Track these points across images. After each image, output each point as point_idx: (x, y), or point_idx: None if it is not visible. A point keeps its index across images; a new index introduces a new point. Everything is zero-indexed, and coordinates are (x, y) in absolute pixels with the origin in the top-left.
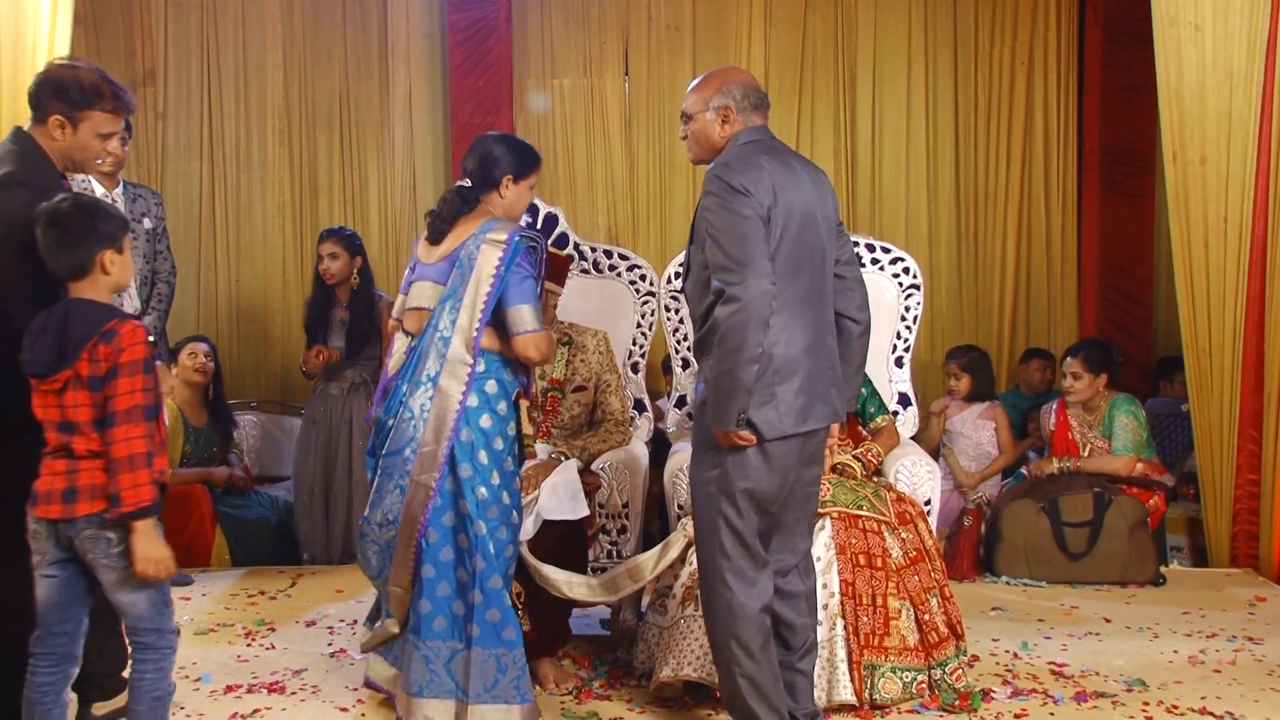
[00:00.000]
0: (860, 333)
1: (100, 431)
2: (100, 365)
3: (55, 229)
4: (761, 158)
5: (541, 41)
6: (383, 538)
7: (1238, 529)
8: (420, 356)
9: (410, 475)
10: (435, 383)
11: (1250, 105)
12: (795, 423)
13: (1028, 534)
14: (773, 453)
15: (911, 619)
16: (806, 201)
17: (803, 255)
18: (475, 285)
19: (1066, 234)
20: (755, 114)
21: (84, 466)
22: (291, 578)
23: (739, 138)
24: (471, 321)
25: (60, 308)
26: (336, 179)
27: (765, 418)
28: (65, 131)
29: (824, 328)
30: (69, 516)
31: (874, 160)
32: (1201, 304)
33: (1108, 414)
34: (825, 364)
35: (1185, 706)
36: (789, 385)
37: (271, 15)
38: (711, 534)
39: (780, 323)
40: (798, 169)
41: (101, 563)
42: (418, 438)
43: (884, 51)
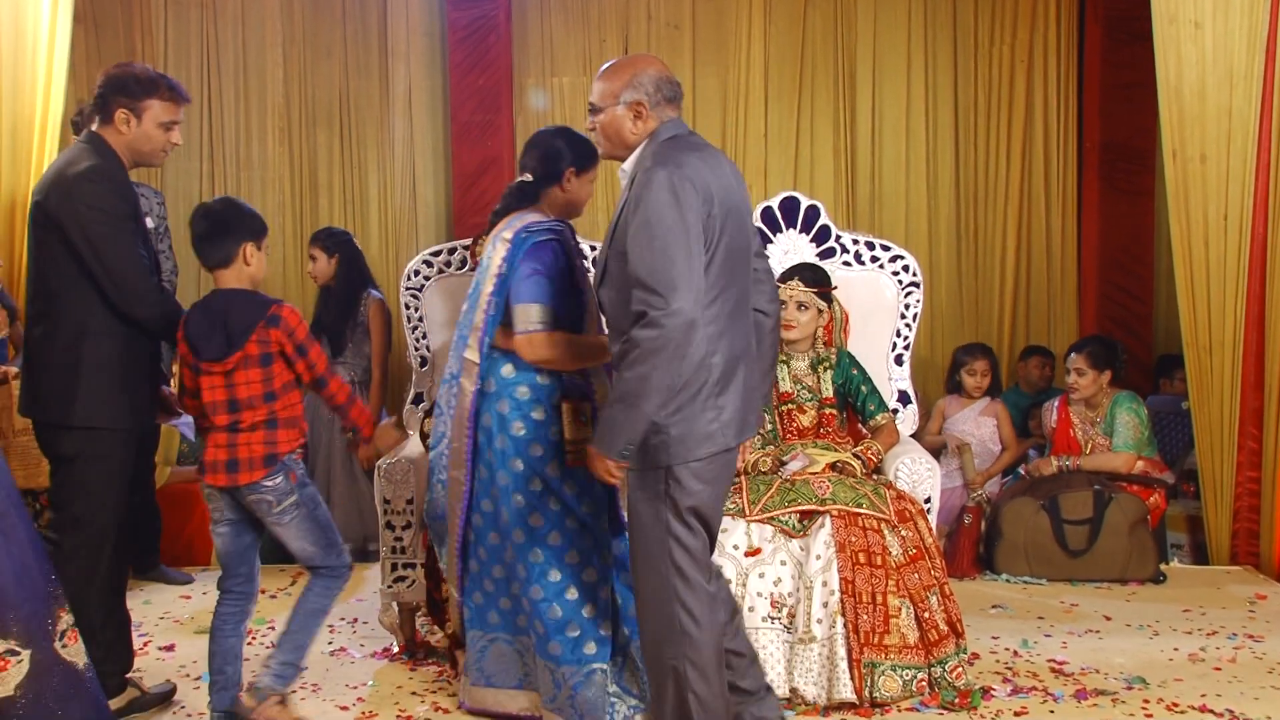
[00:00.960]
0: (771, 326)
1: (268, 403)
2: (270, 346)
3: (206, 220)
4: (692, 155)
5: (541, 40)
6: (438, 531)
7: (1238, 526)
8: (449, 357)
9: (447, 470)
10: (456, 380)
11: (1250, 102)
12: (736, 434)
13: (1028, 532)
14: (716, 466)
15: (911, 617)
16: (736, 198)
17: (735, 259)
18: (483, 283)
19: (1066, 231)
20: (669, 107)
21: (242, 440)
22: (292, 575)
23: (659, 133)
24: (478, 320)
25: (216, 299)
26: (336, 177)
27: (709, 431)
28: (131, 124)
29: (750, 331)
30: (233, 485)
31: (874, 158)
32: (1202, 301)
33: (1109, 411)
34: (751, 370)
35: (1185, 704)
36: (729, 396)
37: (271, 13)
38: (661, 557)
39: (719, 329)
40: (722, 164)
41: (269, 521)
42: (447, 434)
43: (884, 49)
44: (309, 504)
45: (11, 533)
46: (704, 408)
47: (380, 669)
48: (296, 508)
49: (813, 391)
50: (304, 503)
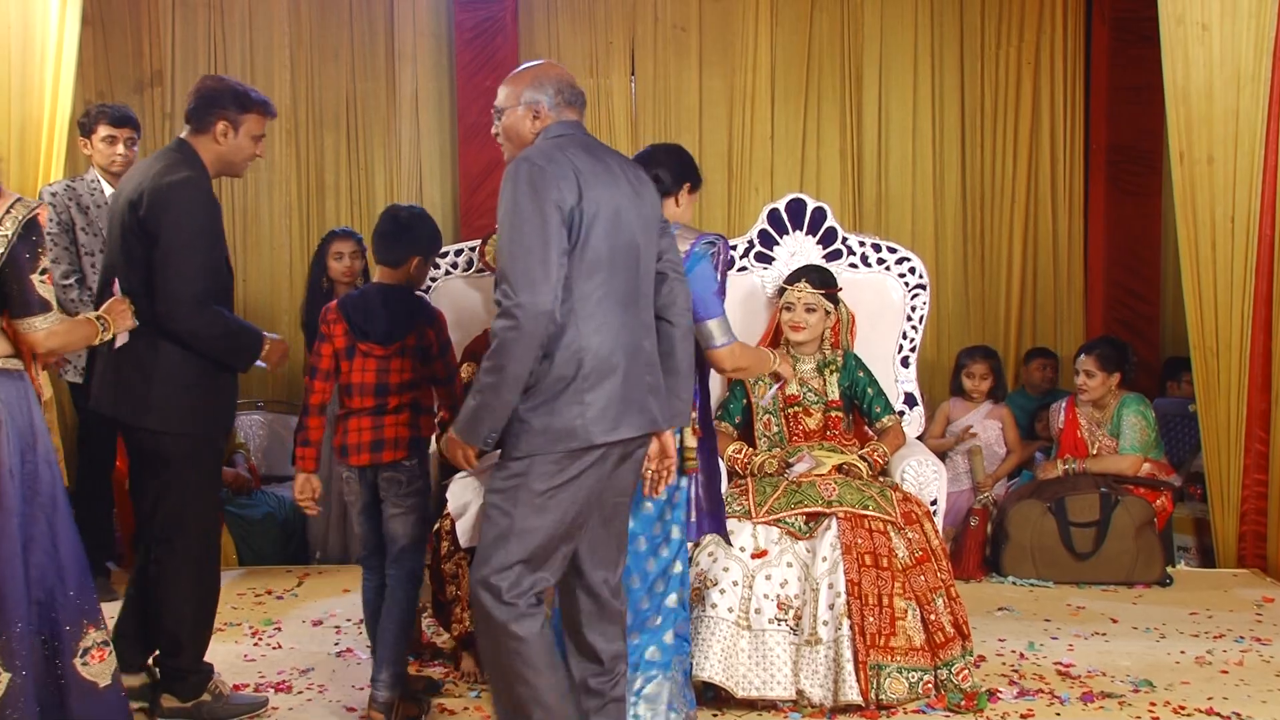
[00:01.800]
0: (682, 335)
1: (413, 391)
2: (426, 341)
3: (395, 223)
4: (570, 151)
5: (548, 41)
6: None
7: (1245, 529)
8: None
9: None
10: None
11: (1257, 105)
12: (605, 431)
13: (1034, 534)
14: (585, 463)
15: (918, 619)
16: (618, 198)
17: (617, 255)
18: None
19: (1073, 233)
20: (569, 110)
21: (388, 422)
22: (299, 577)
23: (549, 131)
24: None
25: (375, 290)
26: (343, 179)
27: (571, 426)
28: (229, 136)
29: (641, 331)
30: (375, 463)
31: (880, 160)
32: (1209, 303)
33: (1116, 413)
34: (642, 369)
35: (1192, 707)
36: (600, 391)
37: (278, 16)
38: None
39: (593, 325)
40: (612, 166)
41: (391, 499)
42: None
43: (890, 51)
44: (424, 497)
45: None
46: (568, 402)
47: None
48: (419, 494)
49: (819, 394)
50: (424, 492)
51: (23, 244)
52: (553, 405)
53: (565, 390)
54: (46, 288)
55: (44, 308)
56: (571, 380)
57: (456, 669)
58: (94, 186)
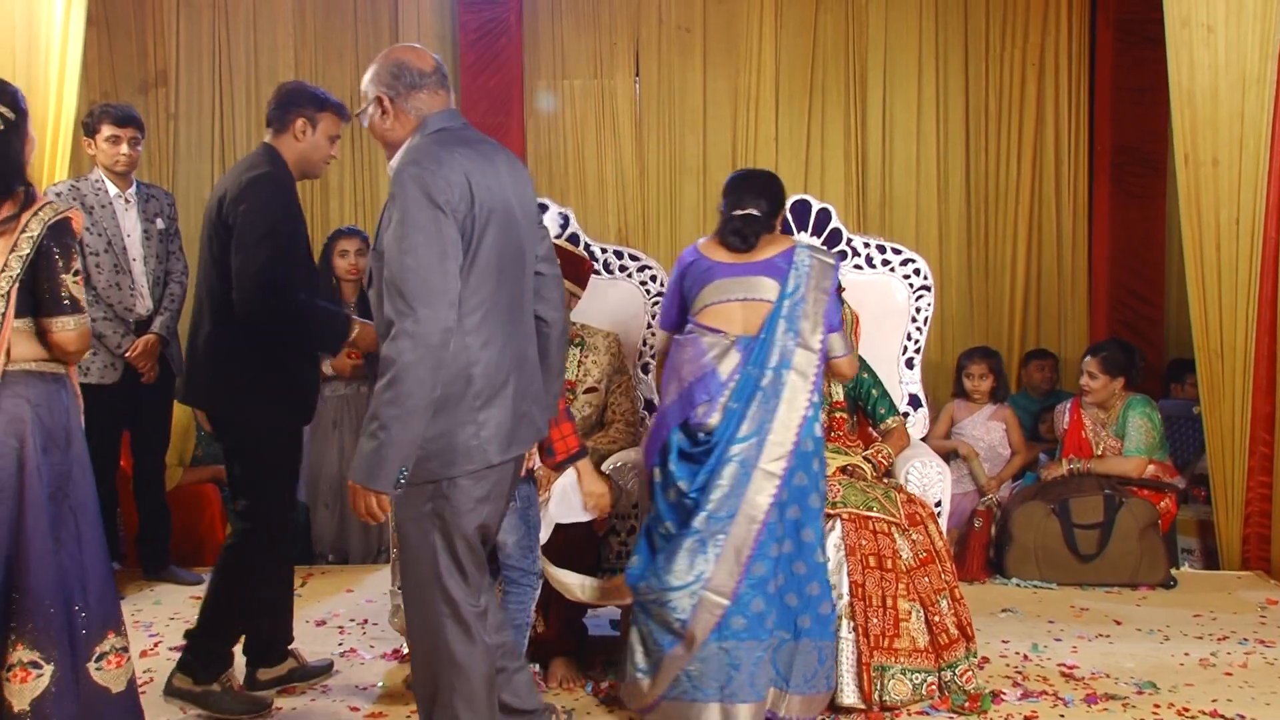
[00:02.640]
0: (558, 335)
1: None
2: None
3: None
4: (455, 151)
5: (552, 42)
6: (713, 533)
7: (1249, 532)
8: (769, 344)
9: (757, 463)
10: (789, 368)
11: (1262, 107)
12: (500, 450)
13: (1038, 536)
14: (485, 483)
15: (921, 620)
16: (506, 197)
17: (505, 260)
18: (814, 296)
19: (1077, 235)
20: (423, 94)
21: None
22: (302, 577)
23: (426, 125)
24: (814, 331)
25: None
26: (348, 180)
27: (468, 448)
28: (307, 134)
29: (526, 339)
30: None
31: (884, 161)
32: (1213, 306)
33: (1122, 414)
34: (529, 380)
35: (1196, 709)
36: (493, 410)
37: (283, 16)
38: (429, 581)
39: (482, 338)
40: (494, 158)
41: None
42: (770, 423)
43: (895, 53)
44: (524, 502)
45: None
46: (463, 422)
47: (390, 670)
48: (517, 499)
49: (823, 395)
50: (520, 499)
51: (52, 245)
52: (446, 426)
53: (459, 410)
54: (79, 289)
55: (75, 309)
56: (462, 399)
57: None
58: (98, 187)
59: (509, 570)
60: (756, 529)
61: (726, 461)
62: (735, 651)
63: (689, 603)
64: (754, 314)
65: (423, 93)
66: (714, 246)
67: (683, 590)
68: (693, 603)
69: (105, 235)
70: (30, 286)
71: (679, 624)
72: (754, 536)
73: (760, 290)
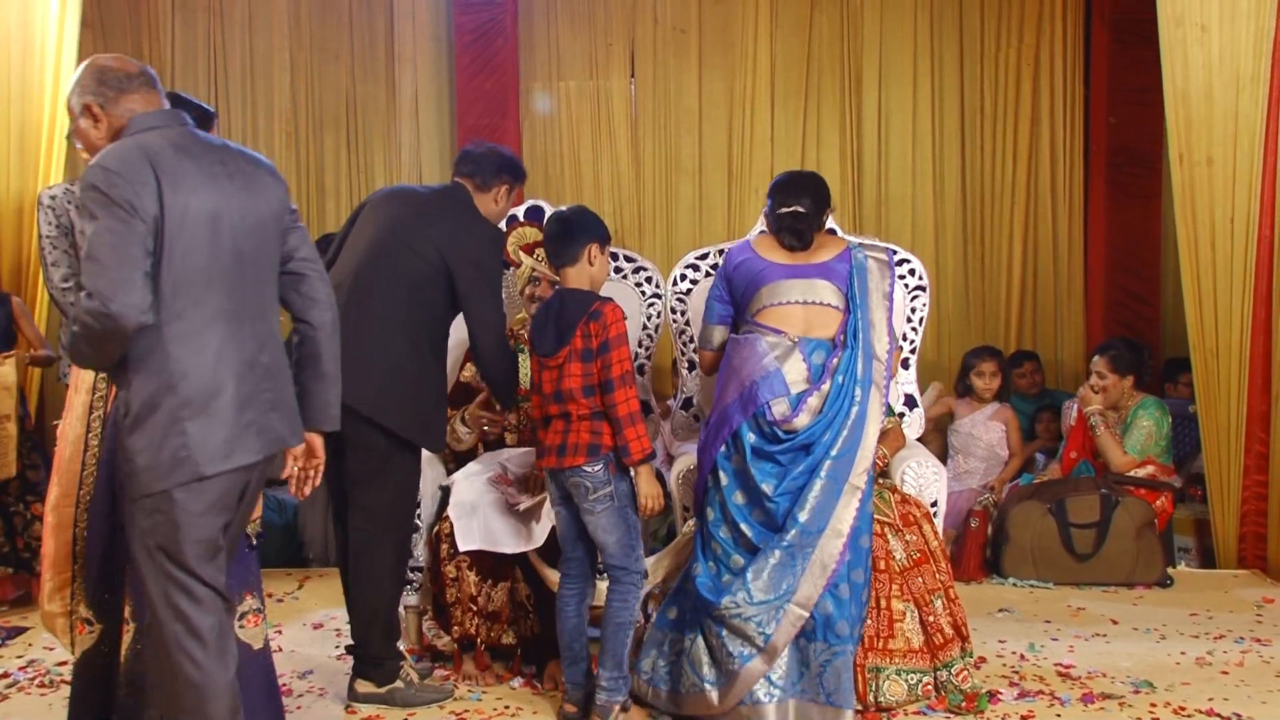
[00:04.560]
0: (327, 336)
1: (588, 397)
2: (592, 340)
3: (561, 224)
4: (153, 150)
5: (548, 44)
6: (805, 547)
7: (1245, 530)
8: (856, 356)
9: (848, 478)
10: (871, 383)
11: (1257, 106)
12: (214, 462)
13: (1034, 535)
14: (208, 495)
15: (916, 621)
16: (216, 201)
17: (217, 265)
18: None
19: (1073, 235)
20: (133, 96)
21: (574, 428)
22: (299, 580)
23: (133, 125)
24: (880, 340)
25: (554, 299)
26: (343, 181)
27: (176, 459)
28: (502, 200)
29: (255, 346)
30: (560, 467)
31: (880, 162)
32: (1209, 305)
33: (1132, 414)
34: (258, 387)
35: (1192, 708)
36: (204, 420)
37: (278, 18)
38: (159, 599)
39: (191, 347)
40: (212, 163)
41: (583, 505)
42: (859, 438)
43: (890, 53)
44: (621, 500)
45: None
46: (170, 434)
47: None
48: (610, 499)
49: None
50: (618, 497)
51: None
52: (153, 438)
53: (164, 421)
54: None
55: None
56: (167, 410)
57: (457, 671)
58: None
59: (612, 570)
60: (842, 543)
61: (820, 475)
62: (806, 650)
63: (772, 616)
64: (815, 317)
65: (133, 95)
66: (768, 245)
67: (767, 605)
68: (777, 616)
69: None
70: None
71: (762, 638)
72: (839, 551)
73: (820, 294)
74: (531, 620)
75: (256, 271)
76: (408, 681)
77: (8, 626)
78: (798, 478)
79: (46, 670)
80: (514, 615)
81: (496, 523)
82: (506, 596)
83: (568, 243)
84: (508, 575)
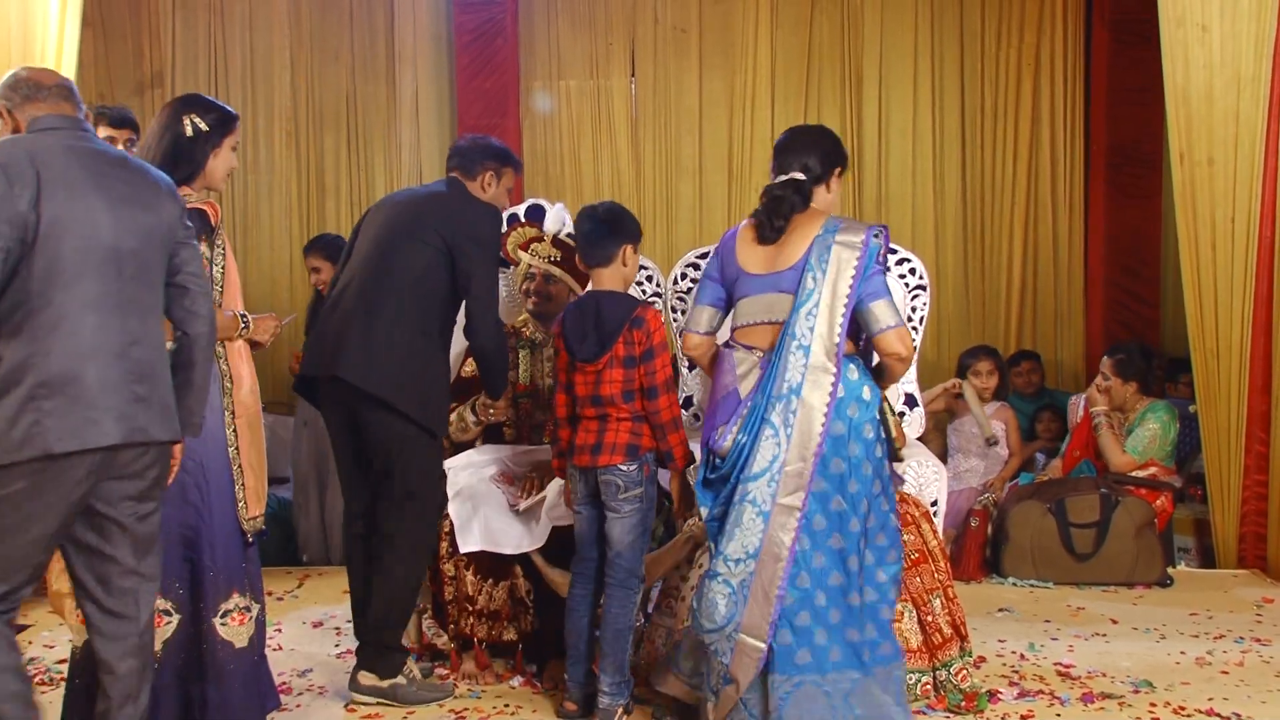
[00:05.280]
0: (200, 349)
1: (628, 402)
2: (635, 348)
3: (593, 223)
4: (40, 151)
5: (548, 43)
6: (737, 575)
7: (1245, 530)
8: (776, 370)
9: (774, 499)
10: (798, 395)
11: (1257, 106)
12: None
13: (1034, 535)
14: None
15: (914, 620)
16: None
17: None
18: (832, 290)
19: (1073, 235)
20: (42, 104)
21: (611, 428)
22: (298, 578)
23: (34, 124)
24: (832, 329)
25: (589, 301)
26: (344, 181)
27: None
28: (491, 186)
29: (127, 339)
30: (593, 465)
31: (880, 161)
32: (1209, 305)
33: (1140, 416)
34: (125, 378)
35: (1192, 708)
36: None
37: (279, 18)
38: None
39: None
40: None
41: (609, 504)
42: (782, 457)
43: (890, 53)
44: (646, 503)
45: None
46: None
47: None
48: (639, 500)
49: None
50: (644, 500)
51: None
52: (7, 414)
53: (19, 396)
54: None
55: None
56: (25, 385)
57: (456, 670)
58: None
59: (619, 572)
60: (783, 566)
61: (741, 501)
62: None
63: (727, 645)
64: (774, 335)
65: (41, 103)
66: (748, 234)
67: (717, 633)
68: (730, 645)
69: None
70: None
71: (722, 665)
72: (781, 573)
73: (781, 311)
74: (532, 618)
75: (136, 270)
76: (410, 678)
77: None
78: (724, 503)
79: (47, 668)
80: (514, 612)
81: (496, 522)
82: (507, 595)
83: (603, 243)
84: (508, 573)
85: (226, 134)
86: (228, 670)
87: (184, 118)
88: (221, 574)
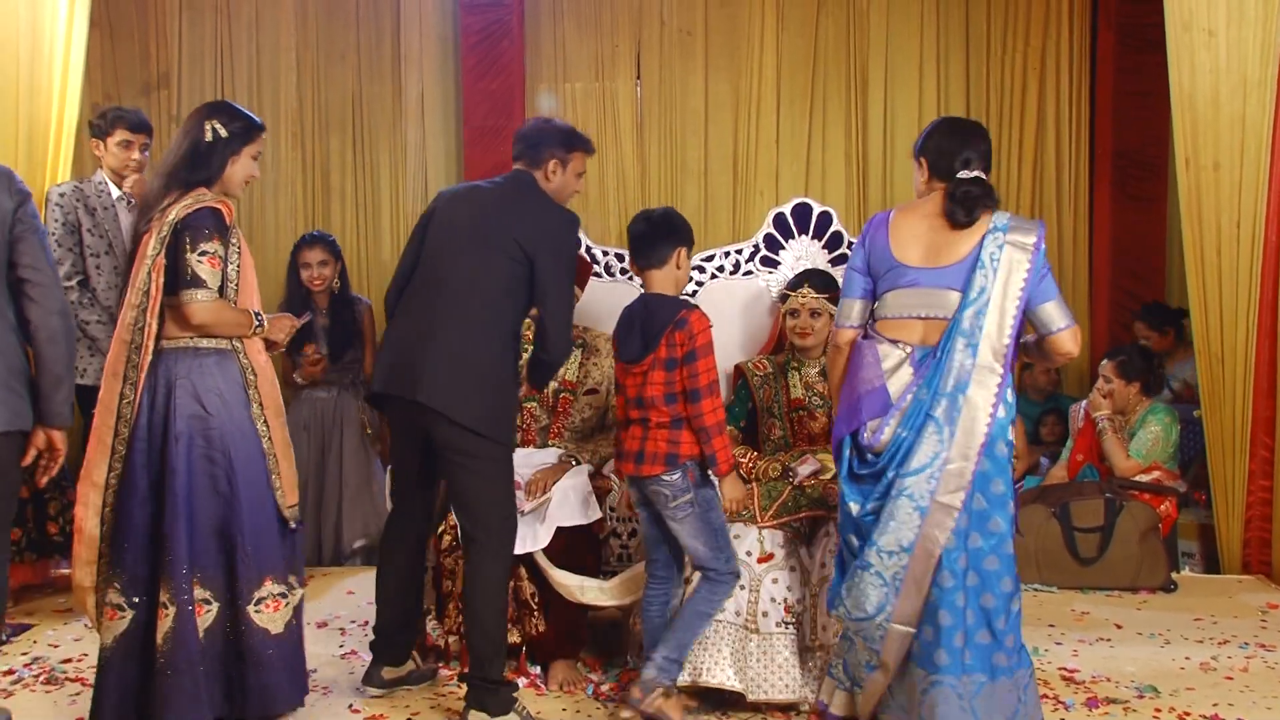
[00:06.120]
0: (46, 339)
1: (669, 405)
2: (677, 349)
3: (648, 224)
4: None
5: (554, 45)
6: (890, 568)
7: (1250, 535)
8: (943, 367)
9: (933, 496)
10: (964, 393)
11: (1264, 111)
12: None
13: (1038, 539)
14: None
15: None
16: None
17: None
18: (1003, 291)
19: (1078, 239)
20: None
21: (653, 435)
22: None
23: None
24: (1001, 330)
25: (638, 303)
26: (349, 182)
27: None
28: (557, 174)
29: None
30: (638, 475)
31: (886, 164)
32: (1214, 309)
33: (1140, 419)
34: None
35: (1197, 713)
36: None
37: (285, 19)
38: None
39: None
40: None
41: (665, 512)
42: (944, 454)
43: (896, 55)
44: (703, 506)
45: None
46: None
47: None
48: (691, 506)
49: (824, 398)
50: (699, 503)
51: (186, 226)
52: None
53: None
54: (204, 268)
55: (197, 284)
56: None
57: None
58: (101, 188)
59: (704, 571)
60: (935, 562)
61: (899, 495)
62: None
63: (878, 633)
64: (933, 328)
65: None
66: (907, 226)
67: (868, 621)
68: (881, 633)
69: (106, 237)
70: (172, 267)
71: (871, 653)
72: (933, 569)
73: (945, 307)
74: (536, 619)
75: None
76: (524, 714)
77: (13, 624)
78: (879, 498)
79: (51, 668)
80: (518, 614)
81: None
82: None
83: (656, 245)
84: (512, 575)
85: (248, 142)
86: (265, 655)
87: (206, 123)
88: (254, 562)
